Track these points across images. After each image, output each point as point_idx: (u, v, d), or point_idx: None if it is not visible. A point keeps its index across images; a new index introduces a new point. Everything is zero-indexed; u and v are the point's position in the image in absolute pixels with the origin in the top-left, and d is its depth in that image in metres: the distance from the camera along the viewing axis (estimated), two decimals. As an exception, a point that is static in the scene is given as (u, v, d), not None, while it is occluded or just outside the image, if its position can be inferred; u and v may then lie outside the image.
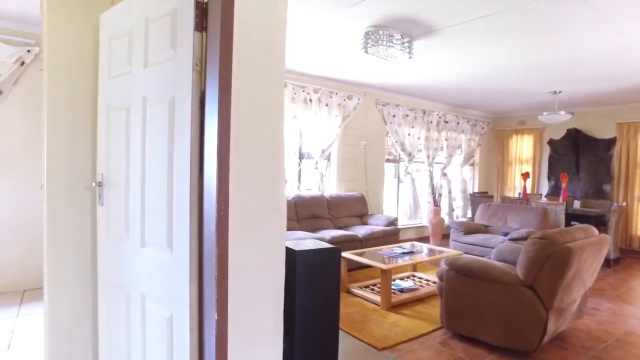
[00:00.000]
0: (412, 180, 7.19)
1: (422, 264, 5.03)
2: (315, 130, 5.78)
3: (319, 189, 5.90)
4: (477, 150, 8.82)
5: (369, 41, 3.83)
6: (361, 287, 4.26)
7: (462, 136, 8.23)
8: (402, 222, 7.11)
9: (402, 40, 3.87)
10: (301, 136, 5.85)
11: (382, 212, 6.87)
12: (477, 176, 9.10)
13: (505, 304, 2.81)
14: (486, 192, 8.46)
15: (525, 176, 7.38)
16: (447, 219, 7.75)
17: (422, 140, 7.35)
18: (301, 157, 5.97)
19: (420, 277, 4.75)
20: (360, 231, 5.34)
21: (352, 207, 5.99)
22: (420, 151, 7.38)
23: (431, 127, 7.50)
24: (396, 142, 6.94)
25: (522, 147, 8.68)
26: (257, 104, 1.31)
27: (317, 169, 5.89)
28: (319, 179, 5.92)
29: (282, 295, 1.41)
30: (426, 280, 4.64)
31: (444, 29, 3.67)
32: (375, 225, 5.76)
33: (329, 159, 6.27)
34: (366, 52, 4.05)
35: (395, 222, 5.83)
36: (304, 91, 5.63)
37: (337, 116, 6.01)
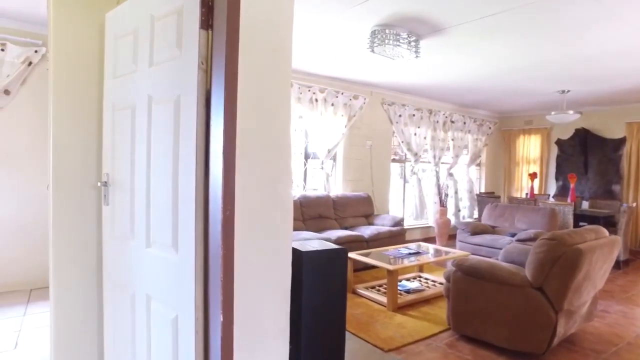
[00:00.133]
0: (418, 180, 7.14)
1: (428, 264, 4.99)
2: (321, 130, 5.76)
3: (325, 189, 5.88)
4: (484, 150, 8.75)
5: (376, 40, 3.81)
6: (367, 288, 4.23)
7: (469, 136, 8.17)
8: (408, 223, 7.07)
9: (409, 39, 3.84)
10: (307, 136, 5.83)
11: (388, 212, 6.84)
12: (483, 176, 9.03)
13: (513, 306, 2.77)
14: (493, 193, 8.39)
15: (532, 176, 7.31)
16: (453, 220, 7.69)
17: (428, 140, 7.30)
18: (307, 157, 5.95)
19: (426, 278, 4.71)
20: (366, 231, 5.32)
21: (358, 207, 5.96)
22: (426, 151, 7.34)
23: (437, 127, 7.45)
24: (402, 142, 6.90)
25: (530, 147, 8.60)
26: (264, 103, 1.29)
27: (322, 169, 5.87)
28: (324, 179, 5.90)
29: (289, 296, 1.39)
30: (432, 281, 4.60)
31: (451, 27, 3.63)
32: (381, 225, 5.73)
33: (334, 159, 6.25)
34: (372, 51, 4.02)
35: (401, 222, 5.79)
36: (309, 91, 5.61)
37: (343, 116, 5.98)
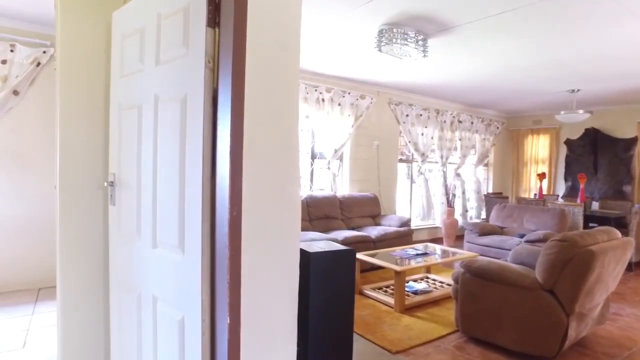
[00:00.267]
0: (425, 180, 7.10)
1: (435, 265, 4.95)
2: (327, 130, 5.74)
3: (332, 189, 5.86)
4: (492, 150, 8.68)
5: (383, 39, 3.78)
6: (374, 289, 4.20)
7: (476, 136, 8.10)
8: (415, 223, 7.03)
9: (417, 38, 3.81)
10: (313, 136, 5.82)
11: (395, 212, 6.80)
12: (491, 176, 8.95)
13: (523, 308, 2.73)
14: (501, 193, 8.32)
15: (541, 177, 7.23)
16: (460, 220, 7.64)
17: (435, 140, 7.25)
18: (313, 157, 5.93)
19: (434, 279, 4.67)
20: (373, 232, 5.28)
21: (365, 208, 5.93)
22: (433, 151, 7.29)
23: (445, 127, 7.40)
24: (409, 142, 6.86)
25: (538, 147, 8.51)
26: (272, 102, 1.27)
27: (329, 169, 5.85)
28: (331, 179, 5.87)
29: (296, 298, 1.37)
30: (440, 282, 4.56)
31: (460, 26, 3.59)
32: (388, 226, 5.69)
33: (341, 159, 6.23)
34: (380, 50, 3.99)
35: (408, 222, 5.75)
36: (316, 91, 5.59)
37: (349, 116, 5.96)
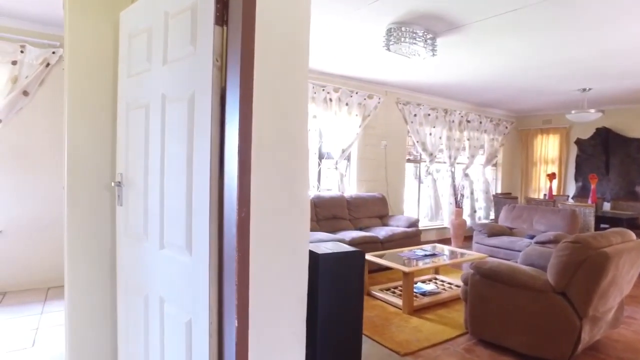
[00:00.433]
0: (434, 180, 7.04)
1: (444, 266, 4.90)
2: (335, 130, 5.71)
3: (339, 189, 5.83)
4: (500, 150, 8.59)
5: (391, 38, 3.74)
6: (382, 290, 4.17)
7: (485, 136, 8.03)
8: (423, 224, 6.98)
9: (425, 37, 3.77)
10: (321, 136, 5.79)
11: (402, 213, 6.76)
12: (499, 177, 8.86)
13: (535, 311, 2.68)
14: (510, 193, 8.23)
15: (551, 177, 7.14)
16: (469, 221, 7.57)
17: (443, 140, 7.20)
18: (321, 157, 5.91)
19: (442, 280, 4.63)
20: (380, 232, 5.25)
21: (373, 208, 5.89)
22: (441, 151, 7.23)
23: (453, 127, 7.33)
24: (417, 141, 6.81)
25: (548, 147, 8.41)
26: (281, 100, 1.25)
27: (337, 169, 5.82)
28: (338, 179, 5.85)
29: (305, 300, 1.35)
30: (449, 283, 4.52)
31: (469, 24, 3.55)
32: (395, 226, 5.65)
33: (349, 159, 6.20)
34: (388, 49, 3.96)
35: (416, 223, 5.70)
36: (323, 90, 5.57)
37: (357, 116, 5.93)
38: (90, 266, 2.01)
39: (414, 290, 3.96)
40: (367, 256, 4.14)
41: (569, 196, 7.69)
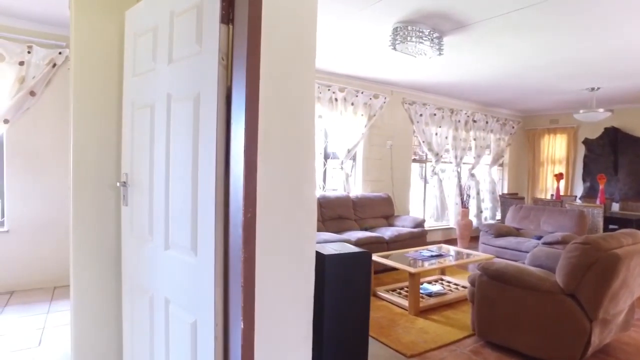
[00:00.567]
0: (439, 180, 7.00)
1: (450, 267, 4.86)
2: (340, 129, 5.69)
3: (345, 190, 5.81)
4: (507, 150, 8.53)
5: (398, 37, 3.71)
6: (388, 291, 4.14)
7: (491, 136, 7.97)
8: (429, 224, 6.93)
9: (432, 36, 3.74)
10: (326, 136, 5.77)
11: (408, 213, 6.72)
12: (506, 177, 8.80)
13: (543, 313, 2.65)
14: (516, 194, 8.17)
15: (558, 177, 7.07)
16: (475, 221, 7.51)
17: (449, 140, 7.15)
18: (326, 157, 5.89)
19: (448, 281, 4.59)
20: (386, 233, 5.22)
21: (378, 208, 5.87)
22: (447, 151, 7.19)
23: (459, 127, 7.29)
24: (423, 141, 6.77)
25: (555, 146, 8.33)
26: (287, 99, 1.23)
27: (342, 169, 5.80)
28: (344, 179, 5.82)
29: (312, 302, 1.33)
30: (455, 284, 4.48)
31: (476, 23, 3.51)
32: (401, 227, 5.62)
33: (354, 159, 6.17)
34: (394, 48, 3.93)
35: (422, 223, 5.67)
36: (329, 90, 5.54)
37: (362, 115, 5.90)
38: (95, 266, 2.00)
39: (420, 291, 3.93)
40: (373, 257, 4.12)
41: (576, 196, 7.61)
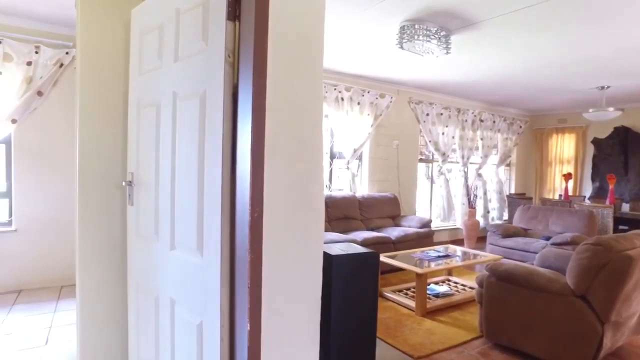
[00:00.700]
0: (446, 180, 6.95)
1: (457, 268, 4.81)
2: (346, 129, 5.66)
3: (351, 189, 5.78)
4: (514, 150, 8.44)
5: (405, 36, 3.68)
6: (394, 291, 4.11)
7: (498, 135, 7.90)
8: (435, 224, 6.88)
9: (439, 34, 3.70)
10: (332, 135, 5.75)
11: (414, 213, 6.68)
12: (513, 177, 8.71)
13: (553, 315, 2.60)
14: (524, 194, 8.09)
15: (567, 177, 6.99)
16: (482, 221, 7.45)
17: (456, 139, 7.10)
18: (332, 156, 5.87)
19: (455, 282, 4.55)
20: (393, 233, 5.18)
21: (384, 208, 5.83)
22: (454, 151, 7.13)
23: (466, 126, 7.23)
24: (430, 141, 6.73)
25: (563, 146, 8.23)
26: (294, 97, 1.21)
27: (348, 169, 5.77)
28: (350, 179, 5.80)
29: (319, 303, 1.31)
30: (462, 285, 4.44)
31: (484, 21, 3.47)
32: (408, 227, 5.58)
33: (360, 158, 6.14)
34: (401, 47, 3.90)
35: (429, 224, 5.63)
36: (335, 89, 5.52)
37: (369, 115, 5.87)
38: (101, 266, 2.00)
39: (427, 291, 3.89)
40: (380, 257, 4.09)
41: (585, 197, 7.52)
